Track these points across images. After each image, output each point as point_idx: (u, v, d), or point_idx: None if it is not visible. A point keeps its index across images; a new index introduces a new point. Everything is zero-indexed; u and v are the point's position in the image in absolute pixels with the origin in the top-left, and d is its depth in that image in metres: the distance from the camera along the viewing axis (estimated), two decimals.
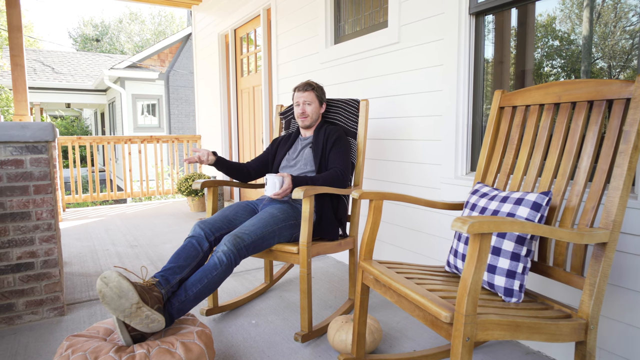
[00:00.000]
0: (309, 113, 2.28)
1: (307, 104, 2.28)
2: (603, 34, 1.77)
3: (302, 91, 2.29)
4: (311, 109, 2.28)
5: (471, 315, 1.12)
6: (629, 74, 1.69)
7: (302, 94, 2.28)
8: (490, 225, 1.09)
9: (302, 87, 2.29)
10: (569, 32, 1.87)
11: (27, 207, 2.15)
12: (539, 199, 1.39)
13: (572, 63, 1.87)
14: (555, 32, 1.93)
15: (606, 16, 1.75)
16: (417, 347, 1.93)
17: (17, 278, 2.15)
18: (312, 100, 2.28)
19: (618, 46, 1.72)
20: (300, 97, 2.28)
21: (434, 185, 2.37)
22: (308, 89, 2.28)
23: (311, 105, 2.28)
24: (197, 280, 1.70)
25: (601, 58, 1.78)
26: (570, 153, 1.47)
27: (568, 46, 1.87)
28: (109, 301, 1.43)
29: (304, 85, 2.29)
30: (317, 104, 2.30)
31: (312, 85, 2.30)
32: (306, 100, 2.27)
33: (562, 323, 1.26)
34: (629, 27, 1.69)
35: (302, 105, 2.28)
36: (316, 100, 2.29)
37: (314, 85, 2.31)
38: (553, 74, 1.95)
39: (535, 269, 1.52)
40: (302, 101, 2.28)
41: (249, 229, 1.88)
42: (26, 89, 4.90)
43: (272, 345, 1.95)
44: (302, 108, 2.28)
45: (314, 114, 2.30)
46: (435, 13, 2.27)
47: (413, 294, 1.31)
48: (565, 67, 1.90)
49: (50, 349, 1.93)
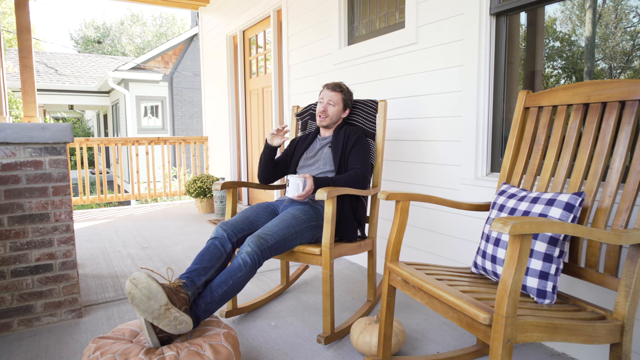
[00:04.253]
0: (330, 114, 2.26)
1: (330, 104, 2.25)
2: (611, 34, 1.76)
3: (330, 90, 2.26)
4: (333, 110, 2.26)
5: (511, 317, 1.11)
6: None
7: (330, 92, 2.26)
8: (531, 226, 1.08)
9: (331, 86, 2.27)
10: (589, 34, 1.87)
11: (45, 209, 2.14)
12: (571, 199, 1.38)
13: (592, 63, 1.86)
14: (568, 34, 1.92)
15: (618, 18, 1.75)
16: (440, 349, 1.92)
17: (35, 280, 2.14)
18: (337, 102, 2.26)
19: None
20: (327, 96, 2.26)
21: (453, 186, 2.36)
22: (337, 90, 2.26)
23: (335, 106, 2.26)
24: (222, 281, 1.69)
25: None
26: (601, 153, 1.46)
27: (590, 46, 1.87)
28: (138, 302, 1.42)
29: (335, 85, 2.27)
30: (340, 107, 2.28)
31: (342, 88, 2.28)
32: (331, 100, 2.25)
33: (598, 324, 1.25)
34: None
35: (326, 104, 2.26)
36: (341, 103, 2.27)
37: (344, 89, 2.29)
38: (573, 75, 1.94)
39: (566, 270, 1.51)
40: (327, 100, 2.25)
41: (272, 230, 1.87)
42: (35, 91, 4.88)
43: (293, 347, 1.94)
44: (325, 106, 2.26)
45: (335, 116, 2.28)
46: (455, 14, 2.26)
47: (447, 295, 1.30)
48: (595, 67, 1.89)
49: (70, 351, 1.92)
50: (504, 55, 2.14)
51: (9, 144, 2.04)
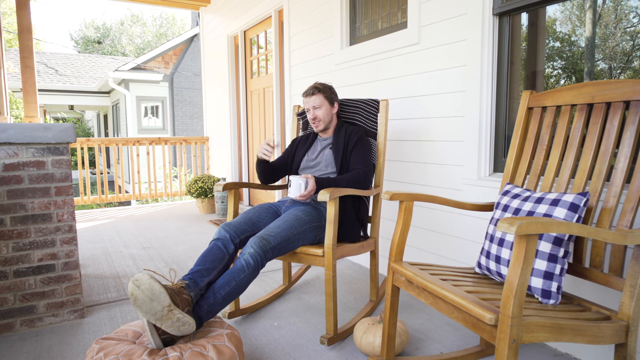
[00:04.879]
0: (321, 117, 2.24)
1: (316, 109, 2.23)
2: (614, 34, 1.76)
3: (309, 96, 2.24)
4: (322, 112, 2.24)
5: (517, 317, 1.11)
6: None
7: (309, 99, 2.24)
8: (537, 226, 1.08)
9: (309, 92, 2.24)
10: (588, 34, 1.87)
11: (48, 209, 2.14)
12: (576, 199, 1.38)
13: (595, 63, 1.86)
14: (568, 34, 1.92)
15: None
16: (443, 349, 1.92)
17: (38, 280, 2.14)
18: (321, 103, 2.23)
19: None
20: (309, 103, 2.24)
21: (455, 186, 2.36)
22: (315, 92, 2.23)
23: (321, 108, 2.23)
24: (225, 282, 1.69)
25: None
26: (605, 154, 1.46)
27: (590, 46, 1.87)
28: (141, 304, 1.42)
29: (310, 89, 2.24)
30: (327, 106, 2.25)
31: (318, 88, 2.24)
32: (315, 105, 2.22)
33: (603, 325, 1.25)
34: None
35: (313, 111, 2.23)
36: (325, 101, 2.24)
37: (320, 87, 2.25)
38: (573, 75, 1.94)
39: (570, 270, 1.51)
40: (312, 106, 2.23)
41: (274, 231, 1.86)
42: (36, 91, 4.88)
43: (296, 348, 1.93)
44: (313, 114, 2.24)
45: (326, 116, 2.26)
46: (457, 14, 2.26)
47: (453, 295, 1.29)
48: (594, 66, 1.89)
49: (73, 351, 1.91)
50: (507, 56, 2.14)
51: (11, 144, 2.04)
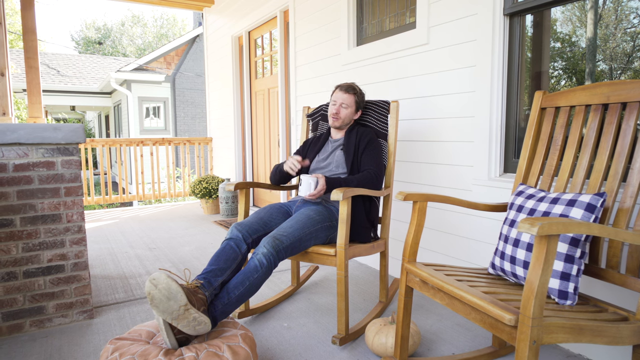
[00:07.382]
0: (342, 116, 2.25)
1: (343, 107, 2.25)
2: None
3: (343, 92, 2.25)
4: (346, 112, 2.26)
5: (538, 318, 1.11)
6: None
7: (342, 94, 2.25)
8: (559, 226, 1.08)
9: (344, 88, 2.26)
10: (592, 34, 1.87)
11: (58, 210, 2.13)
12: (593, 200, 1.38)
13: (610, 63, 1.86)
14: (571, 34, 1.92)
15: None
16: (455, 350, 1.91)
17: (47, 281, 2.14)
18: (350, 104, 2.25)
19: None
20: (339, 98, 2.25)
21: (466, 187, 2.35)
22: (350, 92, 2.25)
23: (347, 109, 2.25)
24: (239, 282, 1.68)
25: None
26: (621, 154, 1.46)
27: (592, 46, 1.87)
28: (158, 303, 1.42)
29: (347, 87, 2.26)
30: (353, 109, 2.27)
31: (355, 90, 2.26)
32: (344, 103, 2.24)
33: (622, 326, 1.24)
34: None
35: (338, 106, 2.25)
36: (354, 105, 2.27)
37: (357, 90, 2.28)
38: (582, 75, 1.94)
39: (586, 271, 1.50)
40: (340, 102, 2.25)
41: (287, 230, 1.86)
42: (40, 92, 4.88)
43: (308, 349, 1.93)
44: (337, 109, 2.25)
45: (347, 118, 2.27)
46: (468, 14, 2.26)
47: (470, 296, 1.29)
48: (606, 67, 1.89)
49: (83, 352, 1.91)
50: (518, 56, 2.14)
51: (21, 145, 2.03)
